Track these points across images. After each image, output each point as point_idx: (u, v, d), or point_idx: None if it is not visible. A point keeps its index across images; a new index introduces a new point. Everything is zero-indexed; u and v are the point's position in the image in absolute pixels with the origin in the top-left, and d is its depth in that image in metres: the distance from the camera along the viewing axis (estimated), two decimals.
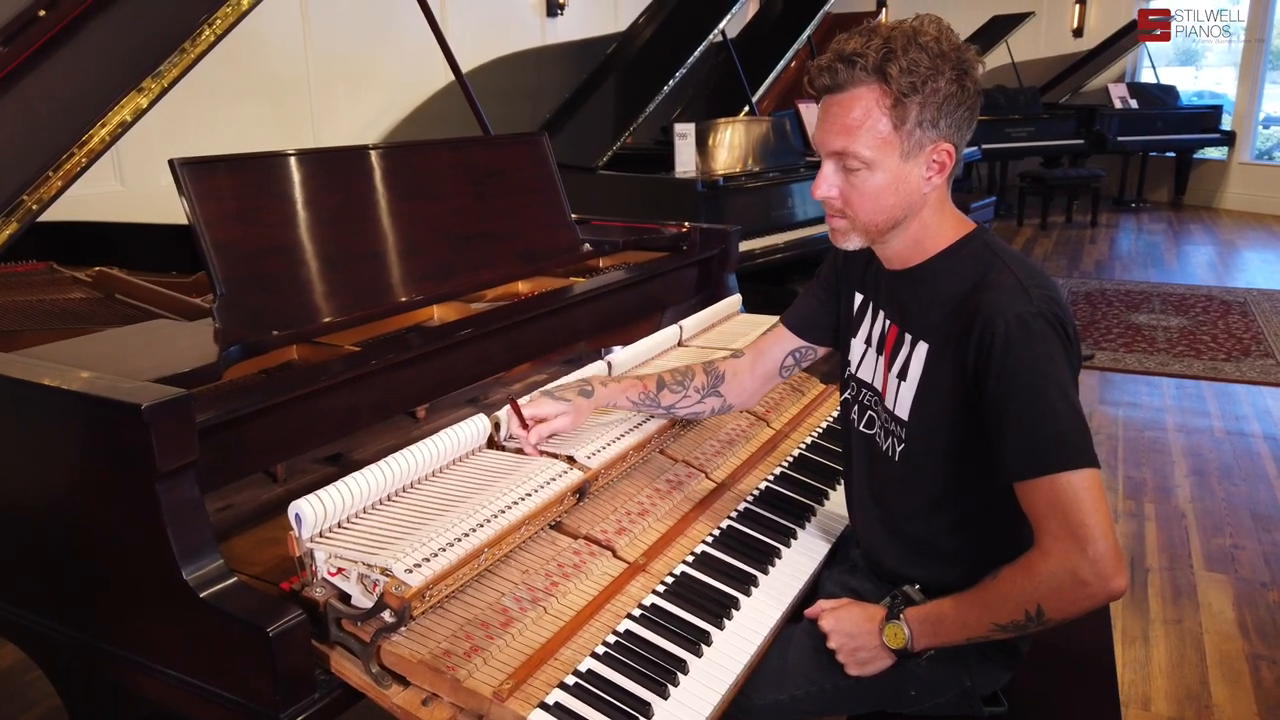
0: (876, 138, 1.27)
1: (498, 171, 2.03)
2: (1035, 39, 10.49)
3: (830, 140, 1.31)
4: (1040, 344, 1.24)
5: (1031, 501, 1.24)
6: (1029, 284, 1.28)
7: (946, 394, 1.34)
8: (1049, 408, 1.22)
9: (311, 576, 1.21)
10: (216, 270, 1.49)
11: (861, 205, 1.33)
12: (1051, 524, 1.22)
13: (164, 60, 1.64)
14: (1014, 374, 1.24)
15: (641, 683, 1.22)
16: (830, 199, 1.35)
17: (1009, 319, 1.24)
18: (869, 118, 1.27)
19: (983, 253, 1.36)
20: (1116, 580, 1.20)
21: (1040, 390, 1.23)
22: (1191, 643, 2.62)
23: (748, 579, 1.48)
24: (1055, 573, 1.21)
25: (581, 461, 1.48)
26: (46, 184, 1.58)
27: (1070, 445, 1.21)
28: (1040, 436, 1.22)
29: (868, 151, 1.28)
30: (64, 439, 1.25)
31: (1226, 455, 3.89)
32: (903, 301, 1.42)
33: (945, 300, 1.35)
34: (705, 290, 2.41)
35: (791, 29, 5.51)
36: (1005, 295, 1.27)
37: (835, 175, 1.33)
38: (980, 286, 1.31)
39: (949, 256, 1.37)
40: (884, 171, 1.30)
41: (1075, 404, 1.24)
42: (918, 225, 1.36)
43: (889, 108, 1.26)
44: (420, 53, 5.32)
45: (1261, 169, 9.94)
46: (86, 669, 1.41)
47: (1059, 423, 1.22)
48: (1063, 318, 1.27)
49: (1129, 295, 6.47)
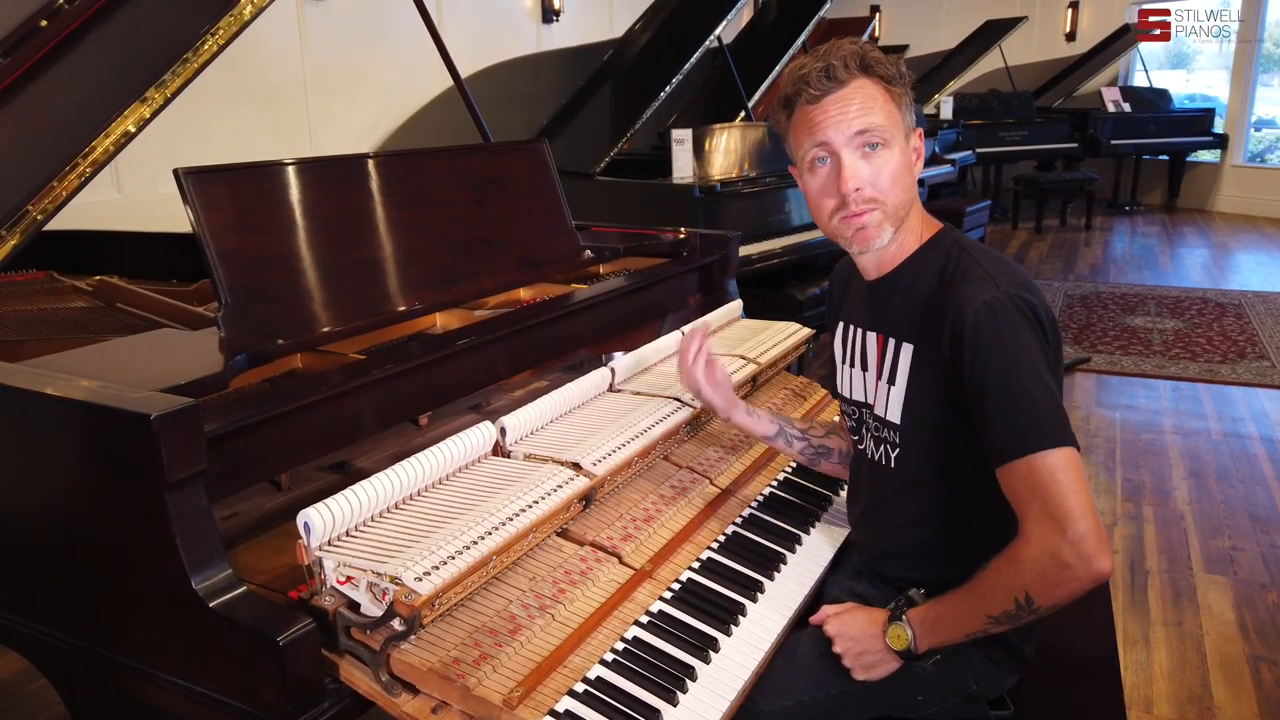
0: (888, 115, 1.35)
1: (498, 178, 2.04)
2: (1028, 43, 10.55)
3: (849, 124, 1.34)
4: (1007, 329, 1.26)
5: (1012, 487, 1.25)
6: (995, 273, 1.32)
7: (932, 392, 1.37)
8: (1021, 390, 1.24)
9: (320, 585, 1.21)
10: (221, 279, 1.49)
11: (891, 186, 1.35)
12: (1031, 508, 1.22)
13: (167, 70, 1.64)
14: (985, 360, 1.26)
15: (651, 690, 1.22)
16: (862, 188, 1.35)
17: (976, 307, 1.28)
18: (876, 99, 1.35)
19: (952, 249, 1.40)
20: (1099, 561, 1.19)
21: (1011, 373, 1.25)
22: (1192, 645, 2.63)
23: (754, 585, 1.48)
24: (1038, 557, 1.21)
25: (587, 468, 1.48)
26: (51, 194, 1.58)
27: (1044, 426, 1.22)
28: (1014, 419, 1.24)
29: (887, 125, 1.34)
30: (70, 449, 1.25)
31: (1224, 457, 3.90)
32: (884, 308, 1.46)
33: (922, 299, 1.38)
34: (706, 296, 2.42)
35: (787, 34, 5.53)
36: (972, 285, 1.31)
37: (860, 163, 1.35)
38: (951, 281, 1.35)
39: (922, 255, 1.42)
40: (899, 149, 1.36)
41: (1049, 385, 1.25)
42: (909, 219, 1.41)
43: (885, 91, 1.36)
44: (416, 60, 5.33)
45: (1254, 171, 9.99)
46: (93, 678, 1.40)
47: (1032, 404, 1.23)
48: (1032, 303, 1.29)
49: (1124, 298, 6.50)
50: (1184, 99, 10.76)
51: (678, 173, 4.27)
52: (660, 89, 4.50)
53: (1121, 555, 3.12)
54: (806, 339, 2.25)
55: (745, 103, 5.07)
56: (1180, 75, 11.47)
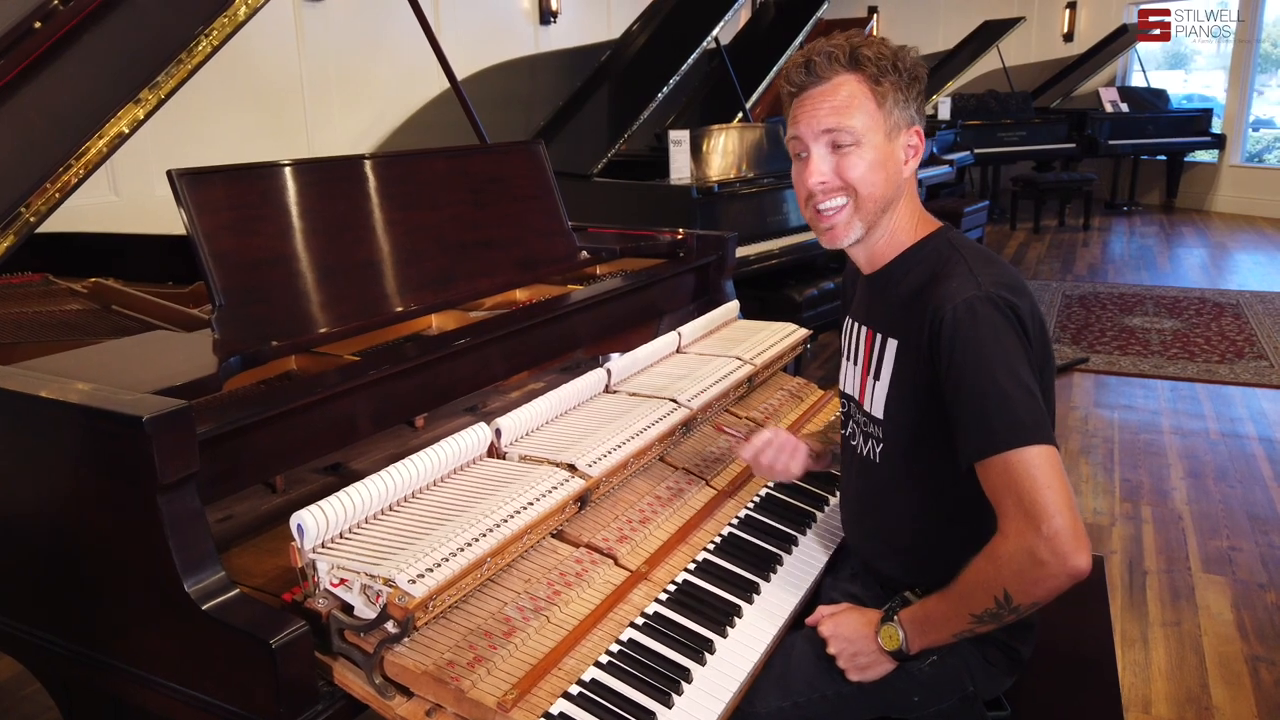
0: (864, 115, 1.34)
1: (495, 179, 2.03)
2: (1026, 44, 10.56)
3: (819, 121, 1.35)
4: (985, 326, 1.26)
5: (991, 484, 1.24)
6: (979, 271, 1.32)
7: (913, 387, 1.38)
8: (996, 387, 1.23)
9: (314, 587, 1.20)
10: (215, 281, 1.49)
11: (859, 180, 1.35)
12: (1007, 504, 1.22)
13: (161, 71, 1.63)
14: (962, 357, 1.26)
15: (646, 691, 1.21)
16: (825, 182, 1.36)
17: (956, 304, 1.28)
18: (855, 99, 1.34)
19: (944, 248, 1.40)
20: (1076, 559, 1.17)
21: (987, 371, 1.24)
22: (1191, 645, 2.63)
23: (750, 586, 1.48)
24: (1014, 554, 1.20)
25: (582, 470, 1.47)
26: (44, 195, 1.58)
27: (1020, 423, 1.21)
28: (989, 416, 1.23)
29: (858, 125, 1.34)
30: (63, 451, 1.25)
31: (1222, 457, 3.90)
32: (875, 303, 1.47)
33: (908, 295, 1.39)
34: (703, 297, 2.41)
35: (784, 35, 5.53)
36: (955, 282, 1.31)
37: (826, 160, 1.37)
38: (935, 278, 1.35)
39: (915, 252, 1.42)
40: (872, 149, 1.35)
41: (1027, 384, 1.24)
42: (896, 215, 1.41)
43: (870, 89, 1.35)
44: (413, 62, 5.33)
45: (1252, 171, 9.99)
46: (86, 682, 1.40)
47: (1007, 401, 1.23)
48: (1014, 302, 1.28)
49: (1122, 298, 6.50)
50: (1182, 99, 10.77)
51: (675, 174, 4.26)
52: (657, 90, 4.50)
53: (1120, 555, 3.11)
54: (803, 340, 2.24)
55: (743, 104, 5.06)
56: (1178, 75, 11.48)
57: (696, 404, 1.76)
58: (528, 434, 1.59)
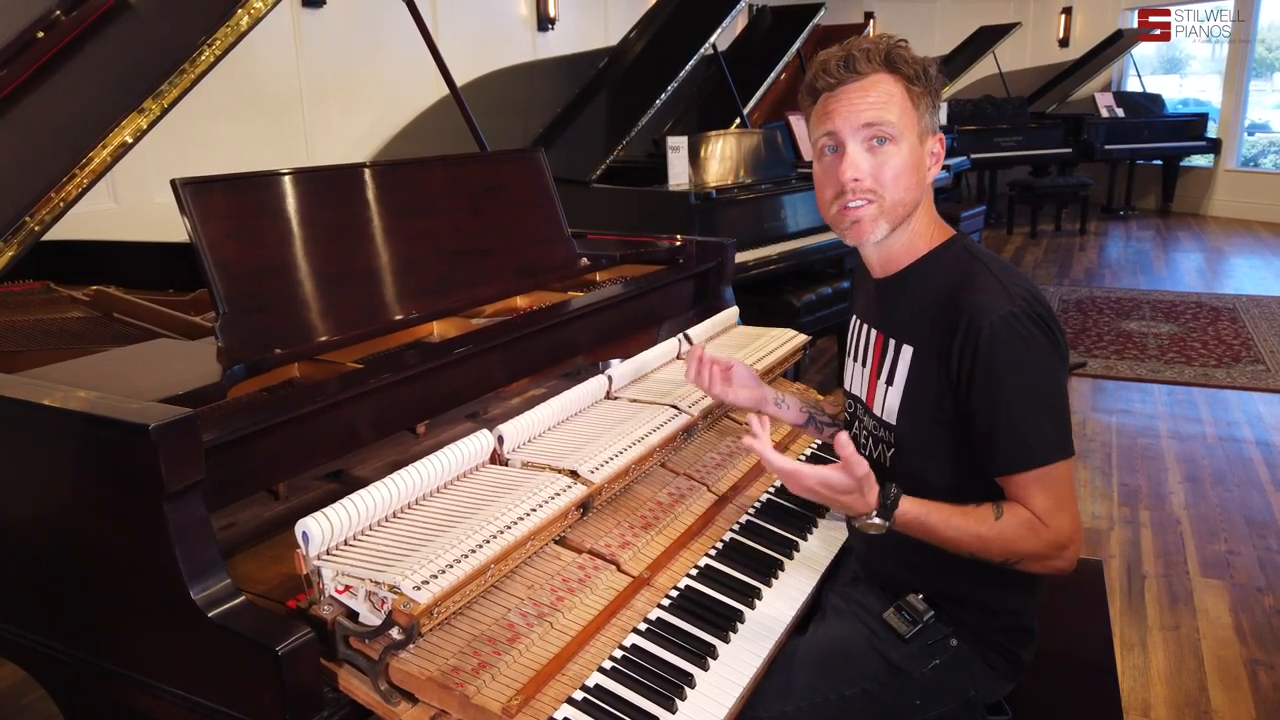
0: (903, 112, 1.35)
1: (495, 187, 2.04)
2: (1022, 49, 10.60)
3: (859, 115, 1.35)
4: (1026, 343, 1.29)
5: (1015, 491, 1.32)
6: (1009, 284, 1.33)
7: (932, 395, 1.38)
8: (1035, 404, 1.29)
9: (319, 594, 1.21)
10: (219, 289, 1.49)
11: (893, 182, 1.35)
12: (1046, 506, 1.31)
13: (164, 81, 1.64)
14: (1002, 374, 1.28)
15: (649, 697, 1.22)
16: (861, 179, 1.36)
17: (994, 320, 1.29)
18: (893, 97, 1.35)
19: (963, 256, 1.41)
20: (1072, 564, 1.35)
21: (1030, 390, 1.29)
22: (1189, 649, 2.64)
23: (752, 591, 1.48)
24: (1033, 548, 1.31)
25: (584, 476, 1.48)
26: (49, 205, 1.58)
27: (1050, 440, 1.30)
28: (1029, 432, 1.28)
29: (899, 121, 1.34)
30: (68, 460, 1.25)
31: (1219, 461, 3.91)
32: (889, 308, 1.47)
33: (928, 303, 1.39)
34: (702, 303, 2.42)
35: (781, 42, 5.55)
36: (988, 296, 1.31)
37: (863, 155, 1.36)
38: (962, 288, 1.35)
39: (932, 260, 1.42)
40: (908, 147, 1.36)
41: (1062, 396, 1.32)
42: (916, 220, 1.41)
43: (905, 89, 1.36)
44: (412, 69, 5.33)
45: (1247, 176, 10.03)
46: (90, 689, 1.40)
47: (1044, 419, 1.29)
48: (1044, 314, 1.32)
49: (1119, 302, 6.51)
50: (1177, 104, 10.81)
51: (673, 180, 4.27)
52: (655, 96, 4.51)
53: (1118, 559, 3.12)
54: (802, 345, 2.25)
55: (740, 110, 5.08)
56: (1173, 80, 11.52)
57: (697, 410, 1.77)
58: (529, 440, 1.60)
